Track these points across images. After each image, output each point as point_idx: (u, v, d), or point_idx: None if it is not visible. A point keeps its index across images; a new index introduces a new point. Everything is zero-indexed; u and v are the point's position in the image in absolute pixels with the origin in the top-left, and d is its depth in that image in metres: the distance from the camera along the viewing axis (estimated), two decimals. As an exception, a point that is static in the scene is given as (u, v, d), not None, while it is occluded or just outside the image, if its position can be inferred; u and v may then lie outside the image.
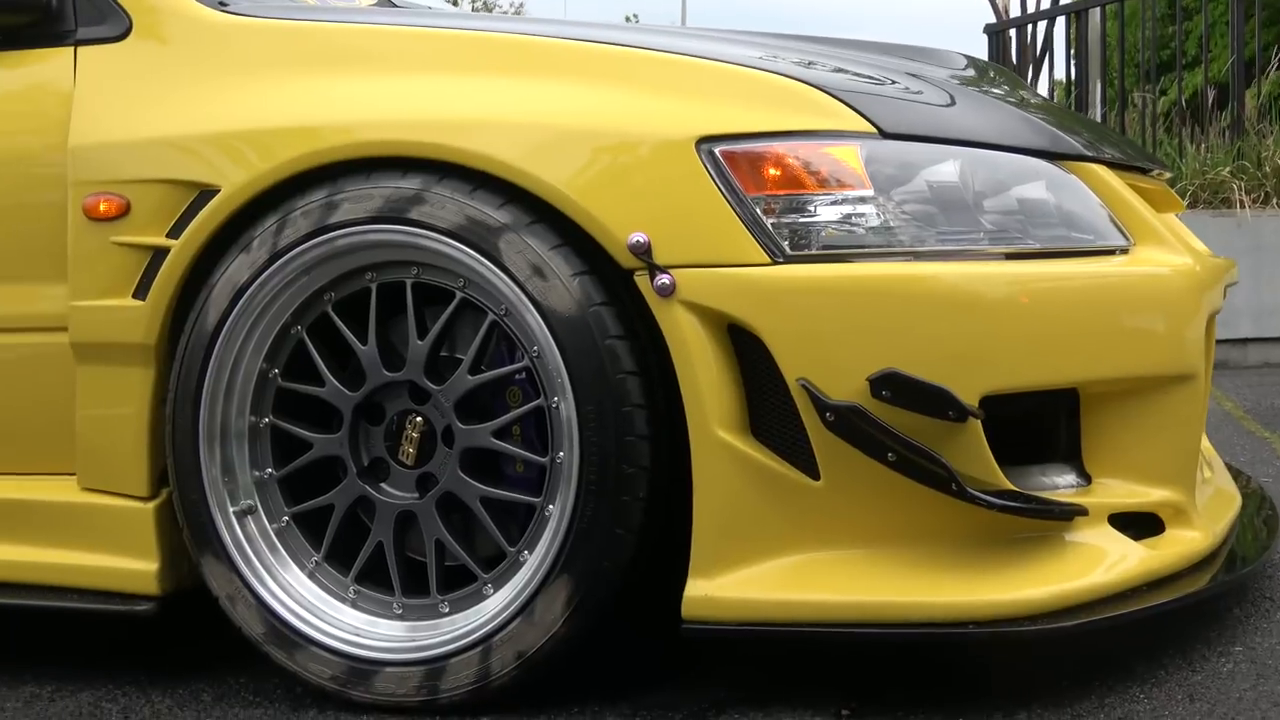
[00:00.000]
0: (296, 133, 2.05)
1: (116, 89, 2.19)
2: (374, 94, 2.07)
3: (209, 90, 2.15)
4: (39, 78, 2.25)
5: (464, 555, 2.03)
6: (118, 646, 2.48)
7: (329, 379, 2.08)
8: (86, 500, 2.20)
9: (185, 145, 2.10)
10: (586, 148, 1.95)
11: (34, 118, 2.25)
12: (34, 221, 2.24)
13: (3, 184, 2.27)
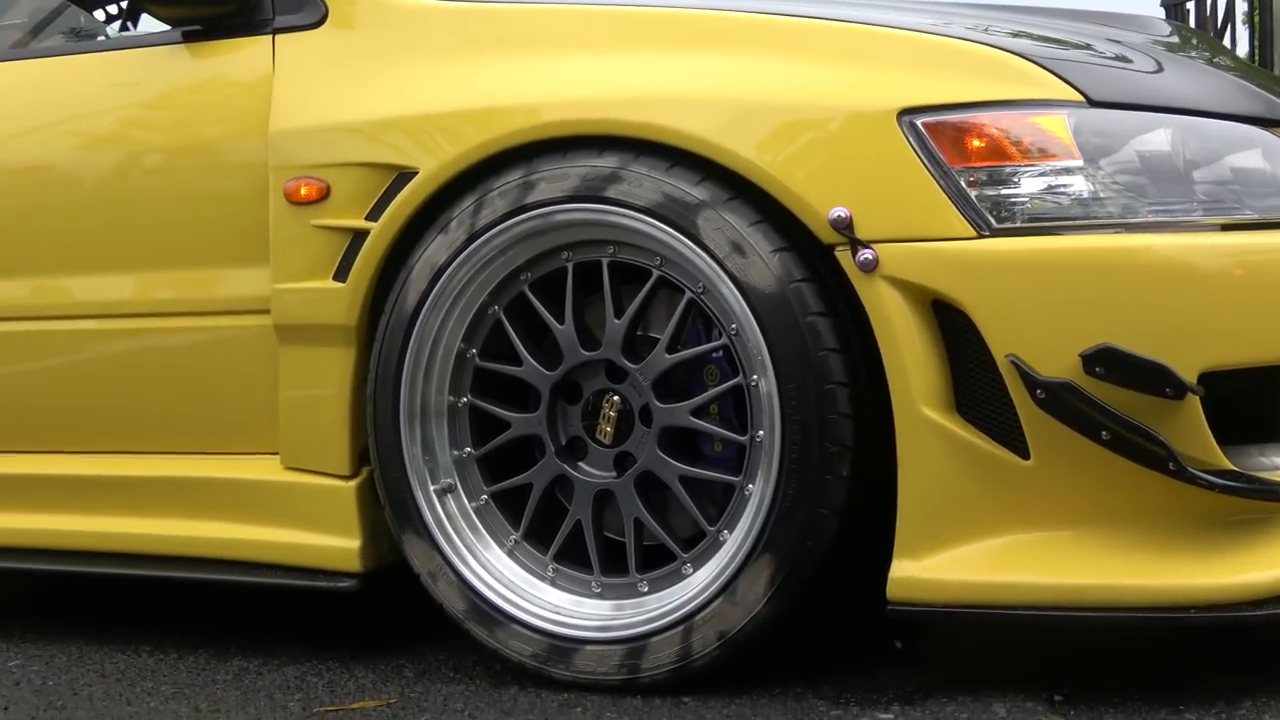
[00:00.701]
0: (492, 113, 2.06)
1: (314, 75, 2.22)
2: (567, 73, 2.07)
3: (404, 74, 2.17)
4: (239, 66, 2.30)
5: (663, 534, 2.03)
6: (321, 622, 2.54)
7: (527, 359, 2.09)
8: (289, 479, 2.25)
9: (383, 129, 2.12)
10: (785, 122, 1.92)
11: (235, 105, 2.29)
12: (233, 207, 2.29)
13: (204, 170, 2.32)
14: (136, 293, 2.40)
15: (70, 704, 2.13)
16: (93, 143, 2.46)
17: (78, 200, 2.44)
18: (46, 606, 2.83)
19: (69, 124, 2.49)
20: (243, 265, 2.29)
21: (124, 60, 2.48)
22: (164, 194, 2.36)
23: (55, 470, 2.49)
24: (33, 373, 2.51)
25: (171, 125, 2.38)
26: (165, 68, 2.40)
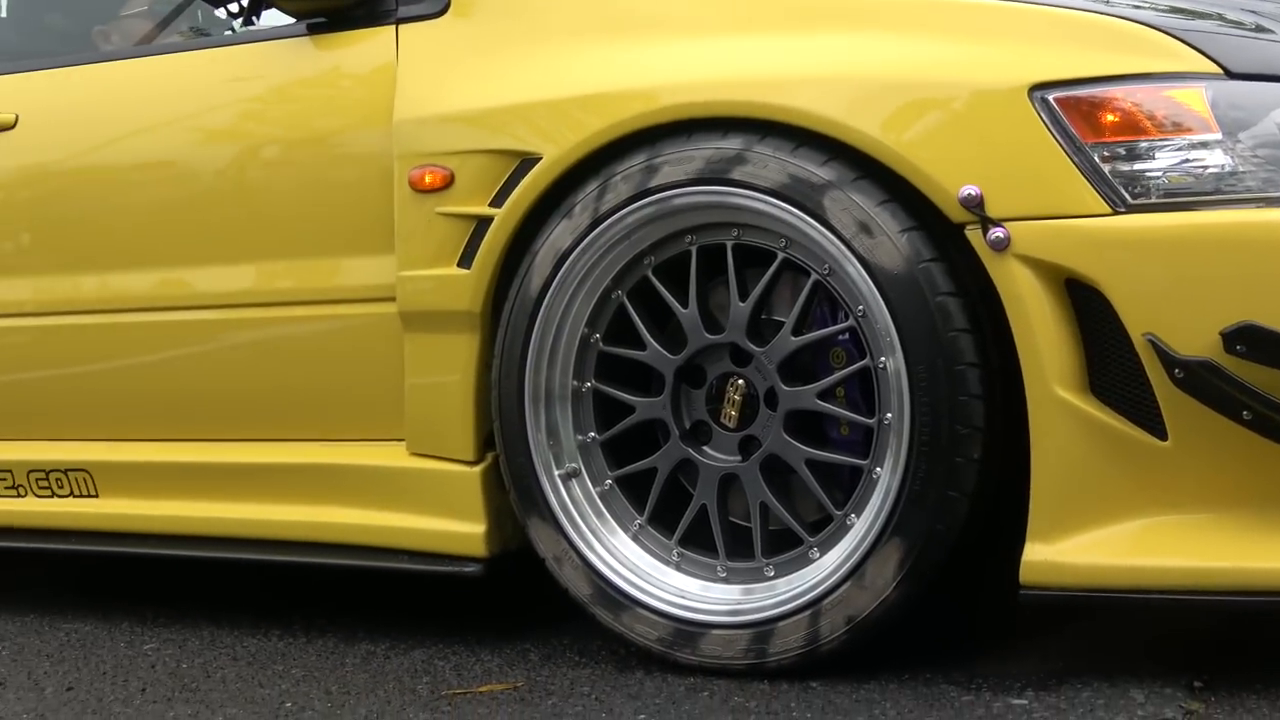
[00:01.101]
0: (615, 98, 2.06)
1: (437, 64, 2.24)
2: (689, 55, 2.06)
3: (525, 60, 2.17)
4: (361, 57, 2.32)
5: (789, 519, 2.01)
6: (446, 606, 2.56)
7: (650, 343, 2.08)
8: (415, 465, 2.26)
9: (506, 115, 2.13)
10: (913, 100, 1.89)
11: (353, 96, 2.33)
12: (353, 197, 2.31)
13: (323, 161, 2.35)
14: (257, 283, 2.43)
15: (204, 686, 2.17)
16: (212, 137, 2.50)
17: (199, 194, 2.48)
18: (178, 591, 2.88)
19: (188, 119, 2.54)
20: (364, 254, 2.31)
21: (242, 55, 2.52)
22: (283, 186, 2.40)
23: (184, 458, 2.54)
24: (159, 363, 2.56)
25: (289, 118, 2.42)
26: (284, 61, 2.43)
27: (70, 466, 2.61)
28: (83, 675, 2.28)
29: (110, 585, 2.99)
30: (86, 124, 2.63)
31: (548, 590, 2.18)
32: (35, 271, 2.65)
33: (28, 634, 2.58)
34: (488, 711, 1.94)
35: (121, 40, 2.92)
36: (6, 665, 2.37)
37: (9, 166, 2.65)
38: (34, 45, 3.04)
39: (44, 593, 2.94)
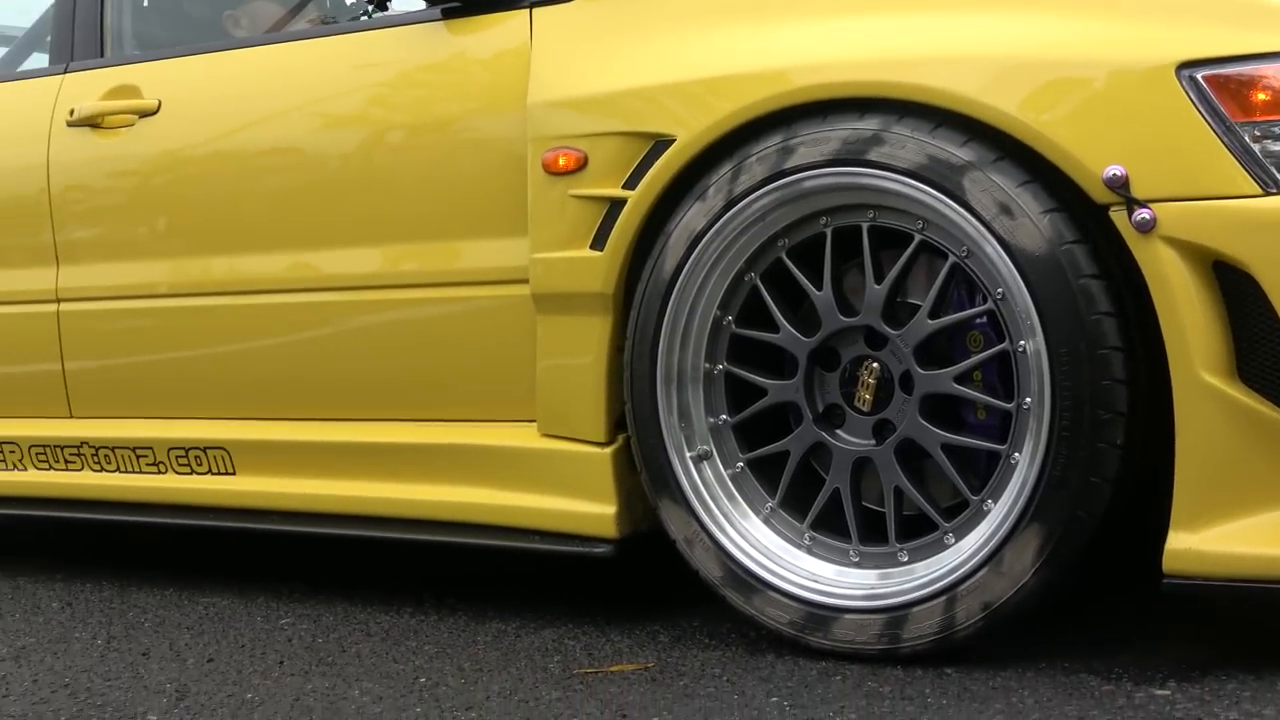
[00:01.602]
0: (751, 78, 2.05)
1: (570, 46, 2.24)
2: (825, 35, 2.04)
3: (659, 42, 2.17)
4: (497, 40, 2.34)
5: (924, 504, 2.00)
6: (575, 586, 2.58)
7: (784, 325, 2.07)
8: (546, 446, 2.28)
9: (640, 97, 2.13)
10: (1055, 79, 1.86)
11: (492, 78, 2.34)
12: (490, 179, 2.33)
13: (450, 146, 2.37)
14: (384, 266, 2.47)
15: (340, 660, 2.21)
16: (340, 122, 2.54)
17: (329, 178, 2.52)
18: (311, 568, 2.94)
19: (317, 105, 2.58)
20: (493, 237, 2.33)
21: (372, 40, 2.55)
22: (410, 170, 2.43)
23: (318, 437, 2.58)
24: (290, 344, 2.61)
25: (417, 102, 2.44)
26: (415, 46, 2.45)
27: (209, 445, 2.67)
28: (222, 647, 2.33)
29: (246, 561, 3.06)
30: (219, 110, 2.68)
31: (677, 571, 2.19)
32: (170, 254, 2.71)
33: (168, 607, 2.65)
34: (619, 691, 1.95)
35: (250, 24, 2.98)
36: (149, 636, 2.43)
37: (150, 152, 2.71)
38: (176, 33, 3.11)
39: (182, 568, 3.01)
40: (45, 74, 2.94)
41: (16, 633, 2.52)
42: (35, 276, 2.86)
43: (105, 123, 2.75)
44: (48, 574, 3.03)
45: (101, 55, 2.88)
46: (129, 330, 2.77)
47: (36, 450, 2.90)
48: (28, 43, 3.41)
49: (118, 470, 2.79)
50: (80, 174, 2.79)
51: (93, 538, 3.51)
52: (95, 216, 2.78)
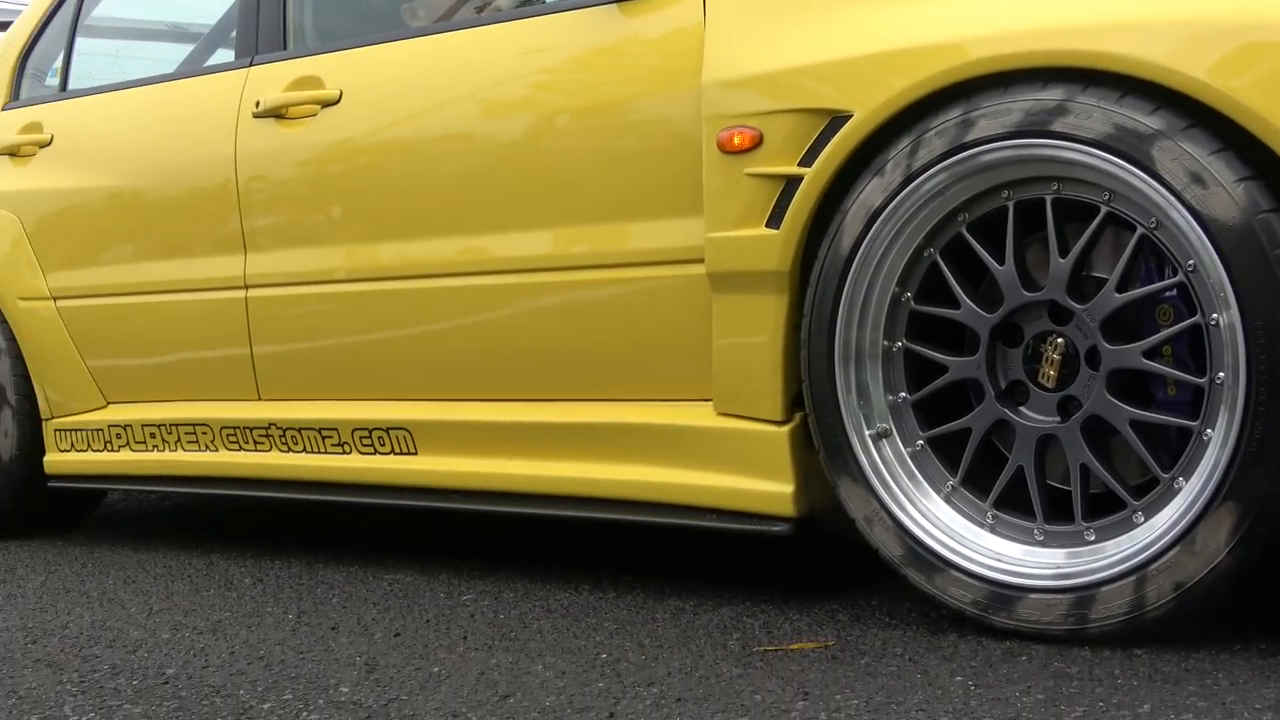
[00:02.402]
0: (928, 51, 2.02)
1: (745, 24, 2.24)
2: (1005, 4, 2.00)
3: (834, 17, 2.15)
4: (671, 21, 2.34)
5: (1112, 481, 1.95)
6: (750, 564, 2.59)
7: (965, 301, 2.05)
8: (722, 424, 2.29)
9: (815, 73, 2.12)
10: (1250, 42, 1.80)
11: (666, 59, 2.34)
12: (659, 160, 2.34)
13: (638, 124, 2.38)
14: (556, 248, 2.49)
15: (521, 636, 2.25)
16: (510, 108, 2.58)
17: (499, 163, 2.56)
18: (490, 545, 3.00)
19: (488, 91, 2.62)
20: (665, 217, 2.34)
21: (543, 25, 2.57)
22: (579, 154, 2.45)
23: (497, 417, 2.63)
24: (465, 326, 2.66)
25: (585, 86, 2.46)
26: (587, 30, 2.47)
27: (391, 425, 2.73)
28: (408, 622, 2.39)
29: (427, 539, 3.13)
30: (396, 99, 2.75)
31: (853, 550, 2.18)
32: (351, 240, 2.78)
33: (354, 583, 2.72)
34: (800, 669, 1.95)
35: (427, 14, 3.03)
36: (337, 611, 2.51)
37: (332, 141, 2.78)
38: (355, 25, 3.18)
39: (366, 545, 3.10)
40: (231, 68, 3.04)
41: (212, 607, 2.62)
42: (224, 264, 2.96)
43: (289, 113, 2.83)
44: (239, 551, 3.14)
45: (284, 48, 2.96)
46: (314, 315, 2.85)
47: (227, 431, 3.01)
48: (212, 39, 3.53)
49: (304, 450, 2.88)
50: (266, 164, 2.88)
51: (280, 516, 3.63)
52: (280, 205, 2.87)
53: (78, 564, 3.15)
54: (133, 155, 3.20)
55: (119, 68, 3.66)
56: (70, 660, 2.28)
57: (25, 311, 3.37)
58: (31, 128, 3.44)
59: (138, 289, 3.16)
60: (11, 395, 3.41)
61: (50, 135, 3.38)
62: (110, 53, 3.84)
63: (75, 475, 3.34)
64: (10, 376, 3.40)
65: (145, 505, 4.05)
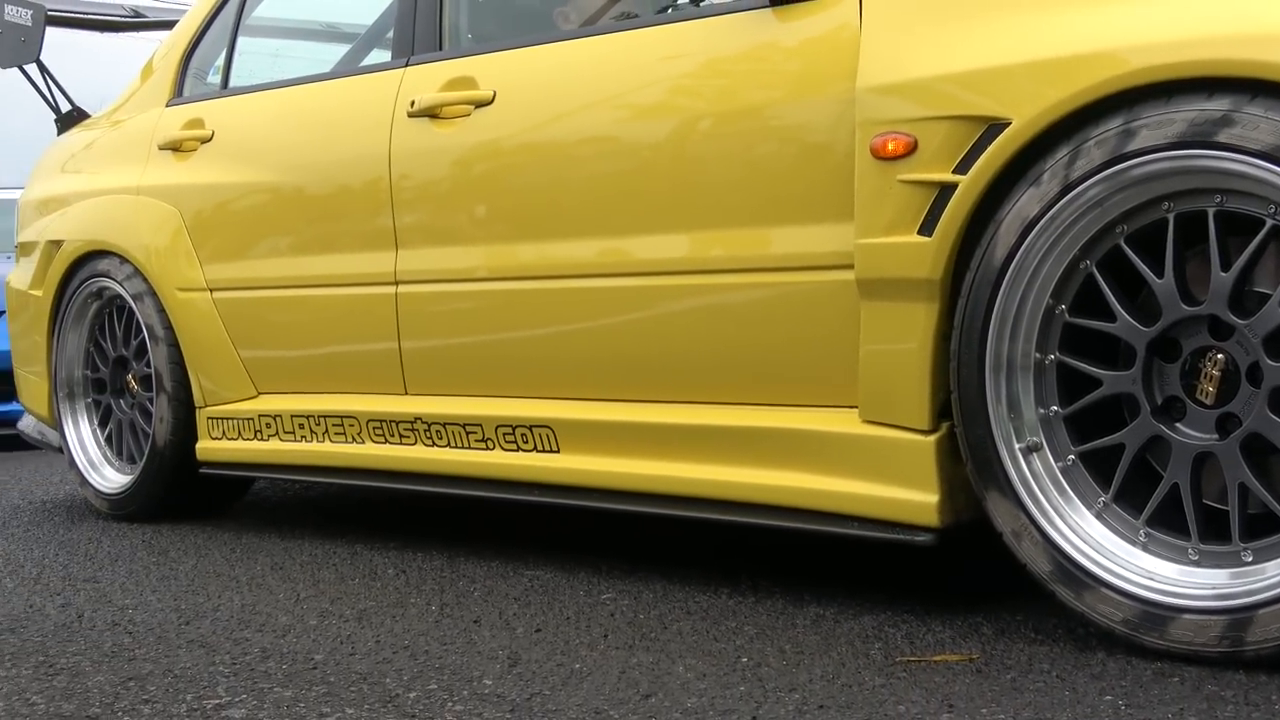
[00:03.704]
0: (1088, 60, 1.98)
1: (902, 29, 2.22)
2: (1167, 13, 1.95)
3: (992, 24, 2.13)
4: (825, 25, 2.34)
5: (1272, 501, 1.90)
6: (890, 574, 2.57)
7: (1121, 314, 2.01)
8: (867, 432, 2.27)
9: (974, 80, 2.10)
10: None
11: (818, 64, 2.33)
12: (816, 164, 2.33)
13: (782, 129, 2.38)
14: (697, 251, 2.50)
15: (662, 637, 2.26)
16: (650, 111, 2.60)
17: (642, 166, 2.58)
18: (628, 545, 3.02)
19: (631, 95, 2.64)
20: (806, 223, 2.34)
21: (692, 30, 2.58)
22: (723, 158, 2.45)
23: (640, 418, 2.64)
24: (604, 327, 2.68)
25: (728, 91, 2.47)
26: (741, 34, 2.47)
27: (535, 423, 2.77)
28: (549, 618, 2.42)
29: (565, 536, 3.16)
30: (545, 101, 2.78)
31: (997, 563, 2.15)
32: (499, 239, 2.82)
33: (495, 578, 2.76)
34: (944, 681, 1.94)
35: (578, 18, 3.06)
36: (479, 605, 2.54)
37: (485, 140, 2.82)
38: (509, 26, 3.22)
39: (506, 540, 3.14)
40: (387, 68, 3.10)
41: (357, 596, 2.68)
42: (375, 260, 3.03)
43: (443, 113, 2.88)
44: (382, 542, 3.20)
45: (440, 49, 3.01)
46: (461, 312, 2.90)
47: (373, 424, 3.07)
48: (368, 40, 3.61)
49: (448, 445, 2.92)
50: (419, 162, 2.93)
51: (421, 509, 3.69)
52: (433, 203, 2.92)
53: (226, 549, 3.24)
54: (289, 152, 3.28)
55: (278, 67, 3.75)
56: (222, 642, 2.35)
57: (182, 302, 3.47)
58: (193, 124, 3.54)
59: (291, 282, 3.24)
60: (168, 382, 3.52)
61: (211, 131, 3.48)
62: (271, 52, 3.93)
63: (226, 463, 3.44)
64: (167, 364, 3.51)
65: (289, 494, 4.15)
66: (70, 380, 3.87)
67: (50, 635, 2.47)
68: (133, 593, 2.79)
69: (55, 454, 4.22)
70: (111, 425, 3.80)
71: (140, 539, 3.42)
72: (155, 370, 3.55)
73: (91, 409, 3.85)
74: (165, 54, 3.83)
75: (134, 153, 3.72)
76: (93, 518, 3.80)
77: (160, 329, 3.53)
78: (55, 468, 5.01)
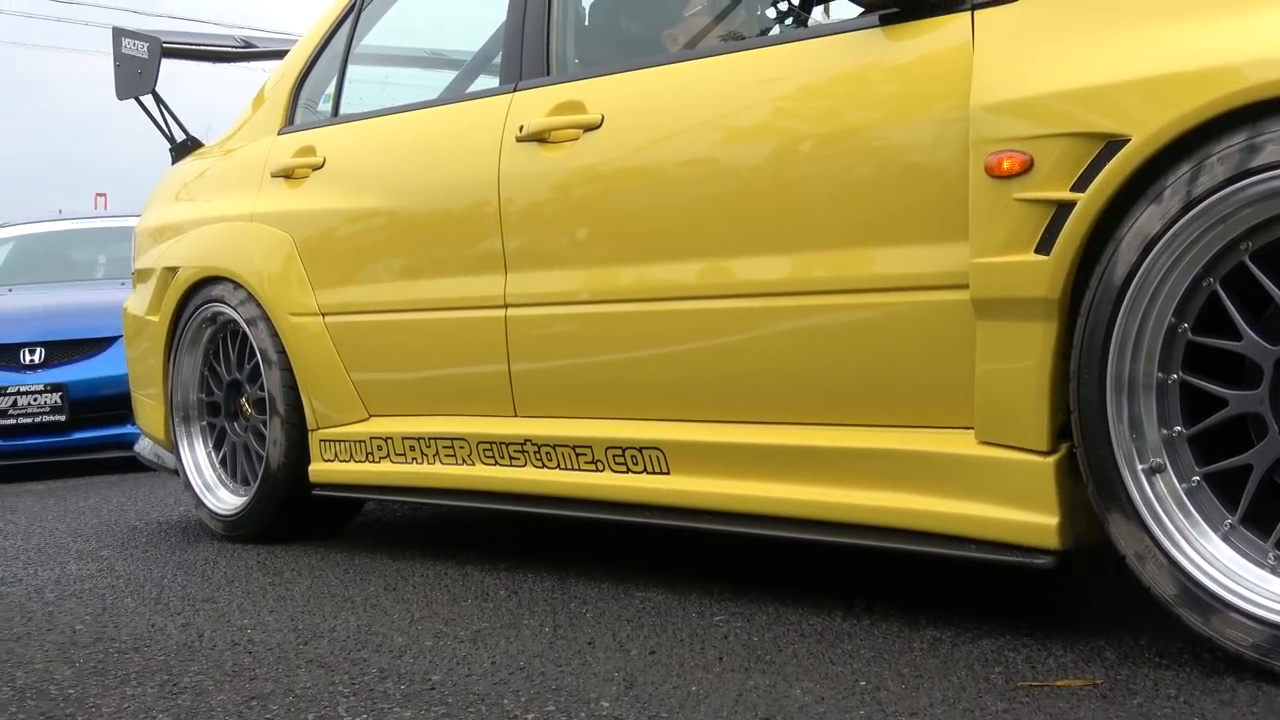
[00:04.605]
0: (1210, 75, 1.95)
1: (1015, 47, 2.20)
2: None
3: (1108, 40, 2.10)
4: (936, 44, 2.32)
5: None
6: (1006, 597, 2.54)
7: (1247, 333, 1.97)
8: (983, 453, 2.25)
9: (1091, 97, 2.07)
10: None
11: (934, 83, 2.32)
12: (927, 183, 2.32)
13: (901, 148, 2.36)
14: (802, 272, 2.49)
15: (777, 659, 2.25)
16: (753, 133, 2.59)
17: (710, 190, 2.59)
18: (736, 566, 3.01)
19: (737, 117, 2.63)
20: (914, 244, 2.33)
21: (796, 52, 2.58)
22: (827, 179, 2.44)
23: (751, 439, 2.63)
24: (711, 348, 2.68)
25: (832, 111, 2.46)
26: (839, 55, 2.47)
27: (645, 444, 2.77)
28: (662, 640, 2.42)
29: (674, 558, 3.16)
30: (652, 124, 2.78)
31: (1118, 586, 2.11)
32: (609, 262, 2.82)
33: (606, 599, 2.77)
34: (1069, 706, 1.91)
35: (686, 39, 3.07)
36: (592, 626, 2.55)
37: (593, 164, 2.84)
38: (616, 51, 3.24)
39: (615, 562, 3.14)
40: (495, 93, 3.13)
41: (470, 617, 2.70)
42: (485, 284, 3.05)
43: (552, 137, 2.90)
44: (492, 563, 3.22)
45: (547, 74, 3.04)
46: (571, 334, 2.91)
47: (484, 446, 3.10)
48: (474, 67, 3.65)
49: (558, 467, 2.94)
50: (528, 186, 2.95)
51: (528, 530, 3.71)
52: (542, 226, 2.94)
53: (339, 569, 3.28)
54: (399, 177, 3.32)
55: (388, 94, 3.80)
56: (340, 662, 2.38)
57: (295, 326, 3.53)
58: (305, 151, 3.61)
59: (401, 306, 3.28)
60: (281, 406, 3.57)
61: (322, 158, 3.54)
62: (380, 80, 3.99)
63: (338, 484, 3.48)
64: (280, 388, 3.57)
65: (398, 515, 4.19)
66: (186, 404, 3.95)
67: (173, 654, 2.52)
68: (250, 613, 2.84)
69: (168, 476, 4.31)
70: (225, 448, 3.87)
71: (255, 559, 3.48)
72: (269, 394, 3.61)
73: (206, 431, 3.92)
74: (276, 83, 3.90)
75: (247, 180, 3.80)
76: (207, 538, 3.87)
77: (274, 353, 3.59)
78: (169, 489, 5.12)
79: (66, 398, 5.98)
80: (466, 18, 4.00)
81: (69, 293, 6.97)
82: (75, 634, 2.73)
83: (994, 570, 2.29)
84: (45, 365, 6.07)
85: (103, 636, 2.69)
